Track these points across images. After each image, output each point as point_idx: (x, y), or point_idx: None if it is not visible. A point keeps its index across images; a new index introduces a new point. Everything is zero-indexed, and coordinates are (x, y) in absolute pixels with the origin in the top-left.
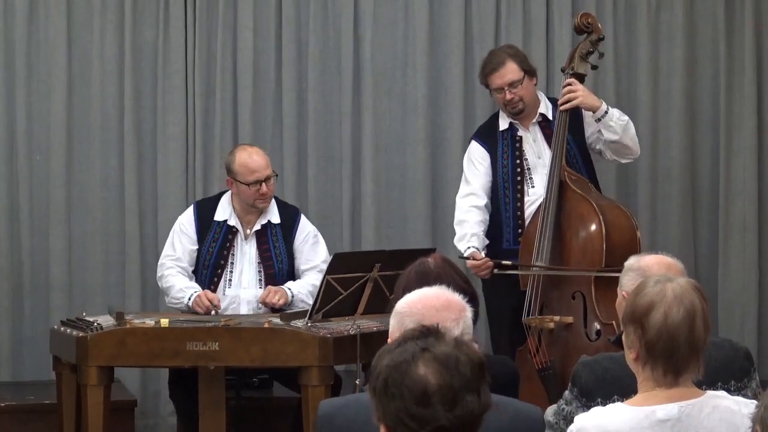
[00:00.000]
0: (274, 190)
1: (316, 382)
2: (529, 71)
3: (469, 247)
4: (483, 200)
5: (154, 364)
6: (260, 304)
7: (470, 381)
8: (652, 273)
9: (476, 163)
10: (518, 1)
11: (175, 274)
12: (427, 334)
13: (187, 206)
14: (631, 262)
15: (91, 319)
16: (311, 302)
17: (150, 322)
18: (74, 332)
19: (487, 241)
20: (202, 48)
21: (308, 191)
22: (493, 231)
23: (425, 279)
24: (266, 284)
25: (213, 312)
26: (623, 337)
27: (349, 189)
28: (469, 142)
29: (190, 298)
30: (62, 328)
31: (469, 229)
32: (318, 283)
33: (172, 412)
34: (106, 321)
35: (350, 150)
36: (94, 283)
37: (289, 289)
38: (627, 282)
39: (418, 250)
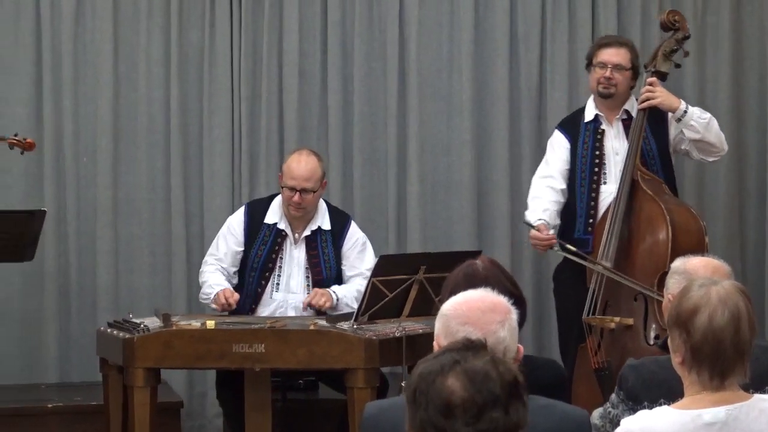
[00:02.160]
0: (313, 203)
1: (361, 384)
2: (635, 69)
3: (540, 219)
4: (560, 184)
5: (200, 365)
6: (306, 307)
7: (497, 398)
8: (698, 276)
9: (557, 149)
10: (564, 2)
11: (213, 271)
12: (468, 347)
13: (233, 208)
14: (678, 264)
15: (138, 321)
16: (356, 306)
17: (196, 324)
18: (121, 334)
19: (558, 221)
20: (248, 51)
21: (354, 194)
22: (566, 219)
23: (473, 281)
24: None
25: (227, 306)
26: (668, 341)
27: (394, 191)
28: (553, 132)
29: (215, 294)
30: (109, 330)
31: (542, 204)
32: (363, 289)
33: (218, 414)
34: (153, 323)
35: (396, 152)
36: (140, 284)
37: (335, 292)
38: (673, 285)
39: (464, 252)
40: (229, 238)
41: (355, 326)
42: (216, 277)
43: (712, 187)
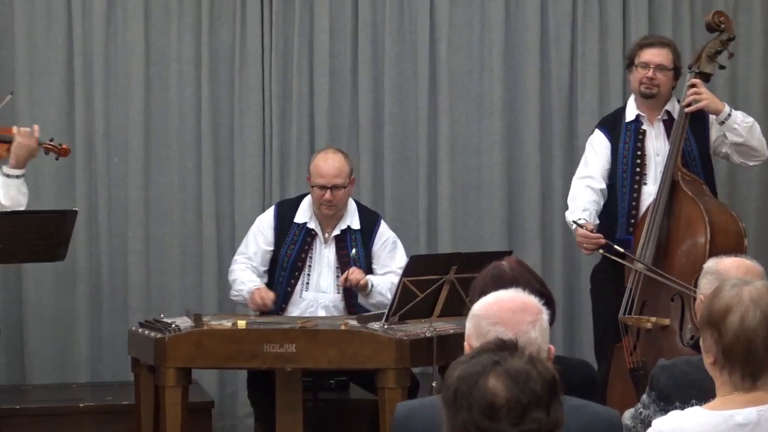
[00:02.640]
0: (344, 200)
1: (392, 385)
2: (677, 69)
3: (581, 218)
4: (600, 184)
5: (231, 365)
6: (343, 283)
7: (540, 398)
8: (729, 276)
9: (598, 149)
10: (595, 3)
11: (243, 269)
12: (502, 348)
13: (264, 209)
14: (710, 265)
15: (169, 321)
16: (390, 297)
17: (227, 324)
18: (152, 334)
19: (598, 222)
20: (279, 51)
21: (384, 194)
22: (608, 220)
23: (501, 282)
24: (344, 290)
25: (263, 307)
26: (700, 341)
27: (425, 191)
28: (593, 131)
29: (248, 293)
30: (140, 330)
31: (582, 204)
32: (397, 282)
33: (249, 414)
34: (184, 322)
35: (426, 153)
36: (171, 284)
37: (370, 279)
38: (705, 285)
39: (495, 253)
40: (258, 237)
41: (385, 326)
42: (247, 275)
43: (745, 188)
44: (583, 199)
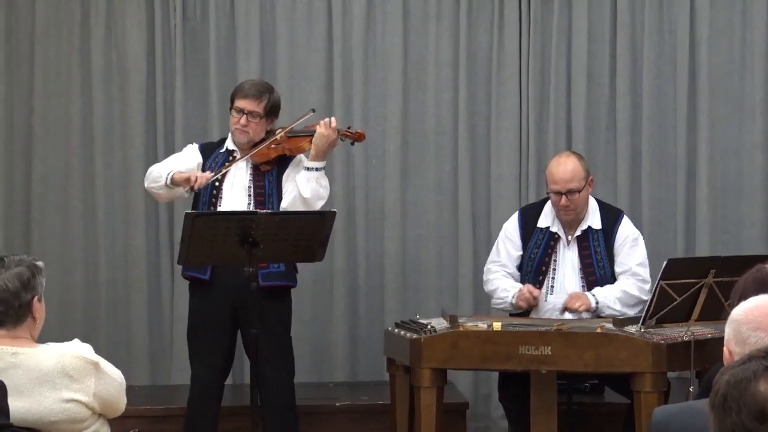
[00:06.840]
0: (582, 203)
1: (649, 389)
2: None
3: None
4: None
5: (486, 367)
6: (564, 312)
7: None
8: None
9: None
10: None
11: (500, 277)
12: None
13: None
14: None
15: (425, 322)
16: (619, 308)
17: (482, 326)
18: (408, 334)
19: None
20: (536, 53)
21: (642, 197)
22: None
23: (763, 286)
24: (589, 290)
25: (533, 302)
26: None
27: (683, 194)
28: None
29: (513, 296)
30: (396, 330)
31: None
32: (628, 288)
33: (503, 415)
34: (440, 323)
35: (685, 155)
36: (427, 285)
37: (594, 295)
38: None
39: (755, 257)
40: (507, 243)
41: (642, 330)
42: (506, 282)
43: None
44: None
